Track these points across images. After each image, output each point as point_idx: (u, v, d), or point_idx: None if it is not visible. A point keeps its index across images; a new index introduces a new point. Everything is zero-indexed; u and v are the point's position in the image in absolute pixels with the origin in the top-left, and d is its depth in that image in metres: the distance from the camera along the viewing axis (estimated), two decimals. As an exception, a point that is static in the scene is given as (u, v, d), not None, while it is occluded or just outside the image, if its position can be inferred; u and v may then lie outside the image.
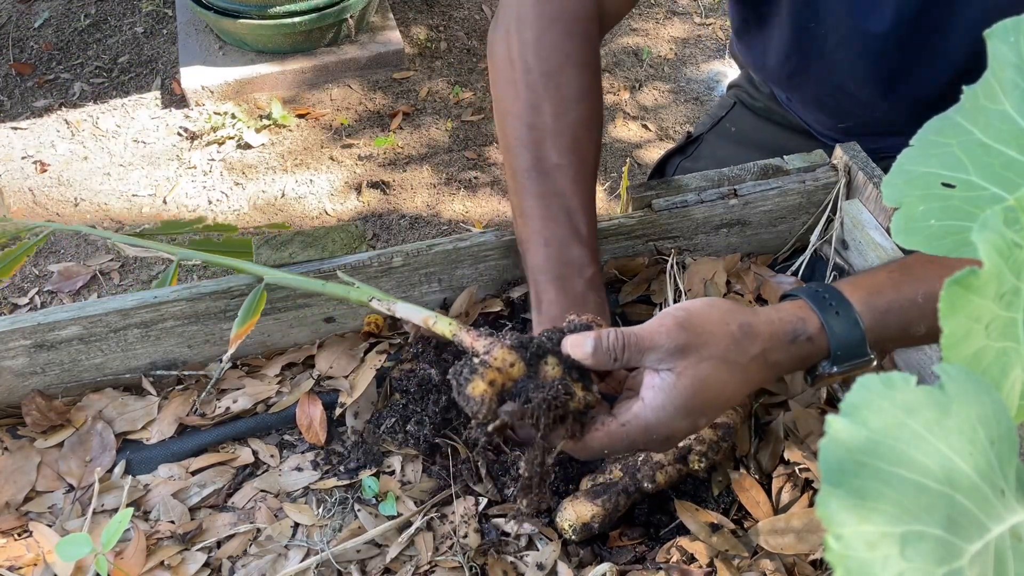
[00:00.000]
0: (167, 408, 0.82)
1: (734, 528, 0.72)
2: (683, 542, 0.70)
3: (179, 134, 2.64)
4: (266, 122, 2.65)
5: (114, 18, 3.13)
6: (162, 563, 0.71)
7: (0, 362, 0.79)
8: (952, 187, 0.33)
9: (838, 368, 0.62)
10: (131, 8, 3.17)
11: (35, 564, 0.71)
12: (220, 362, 0.85)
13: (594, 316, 0.63)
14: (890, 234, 0.74)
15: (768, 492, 0.74)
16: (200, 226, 0.90)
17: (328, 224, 2.38)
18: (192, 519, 0.75)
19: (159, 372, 0.85)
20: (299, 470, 0.79)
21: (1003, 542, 0.24)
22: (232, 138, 2.60)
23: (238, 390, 0.84)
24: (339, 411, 0.81)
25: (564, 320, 0.63)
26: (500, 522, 0.74)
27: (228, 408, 0.82)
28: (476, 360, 0.59)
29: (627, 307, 0.90)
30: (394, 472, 0.78)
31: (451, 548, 0.71)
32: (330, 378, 0.85)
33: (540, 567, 0.70)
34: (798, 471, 0.74)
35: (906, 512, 0.22)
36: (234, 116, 2.66)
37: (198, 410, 0.83)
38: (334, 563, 0.71)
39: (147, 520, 0.75)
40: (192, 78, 2.69)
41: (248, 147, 2.59)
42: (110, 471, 0.78)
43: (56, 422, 0.80)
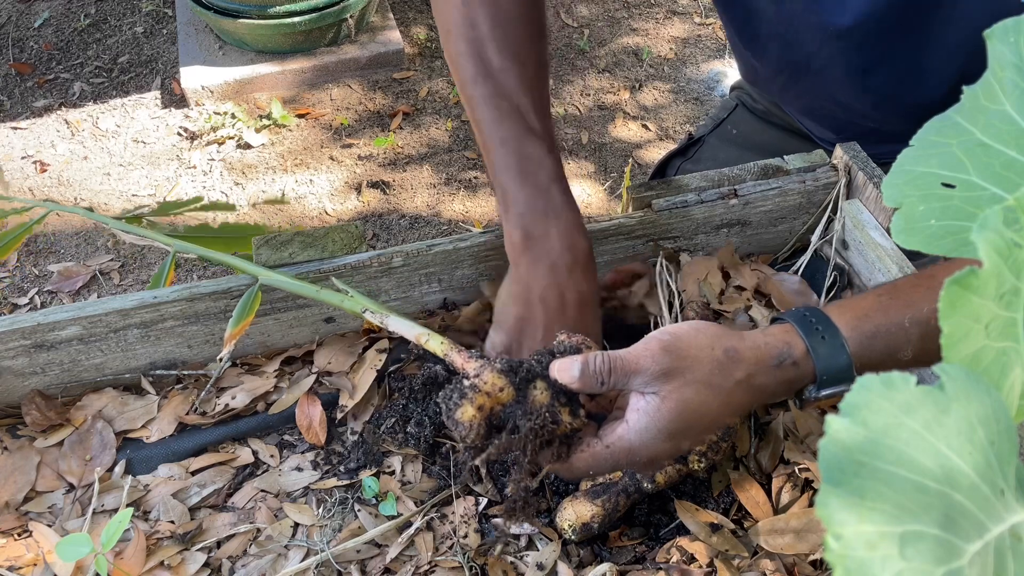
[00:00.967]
0: (167, 407, 0.82)
1: (734, 528, 0.72)
2: (683, 542, 0.70)
3: (179, 134, 2.64)
4: (266, 122, 2.65)
5: (114, 18, 3.13)
6: (162, 563, 0.71)
7: (0, 362, 0.79)
8: (952, 187, 0.33)
9: (824, 392, 0.64)
10: (131, 8, 3.17)
11: (35, 564, 0.71)
12: (219, 361, 0.85)
13: (583, 338, 0.65)
14: (890, 234, 0.74)
15: (768, 492, 0.74)
16: (197, 206, 0.90)
17: (328, 224, 2.38)
18: (192, 519, 0.75)
19: (159, 372, 0.85)
20: (299, 470, 0.79)
21: (1003, 542, 0.24)
22: (232, 138, 2.60)
23: (237, 387, 0.84)
24: (340, 415, 0.81)
25: (533, 220, 0.69)
26: (500, 522, 0.74)
27: (227, 405, 0.82)
28: (466, 383, 0.60)
29: (623, 311, 0.90)
30: (394, 472, 0.78)
31: (451, 548, 0.71)
32: (329, 374, 0.85)
33: (540, 567, 0.70)
34: (798, 471, 0.74)
35: (905, 512, 0.22)
36: (234, 116, 2.66)
37: (198, 409, 0.83)
38: (334, 563, 0.71)
39: (147, 520, 0.75)
40: (192, 78, 2.69)
41: (248, 147, 2.59)
42: (110, 471, 0.78)
43: (56, 422, 0.80)
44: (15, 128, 2.67)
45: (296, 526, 0.74)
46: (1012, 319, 0.27)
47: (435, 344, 0.65)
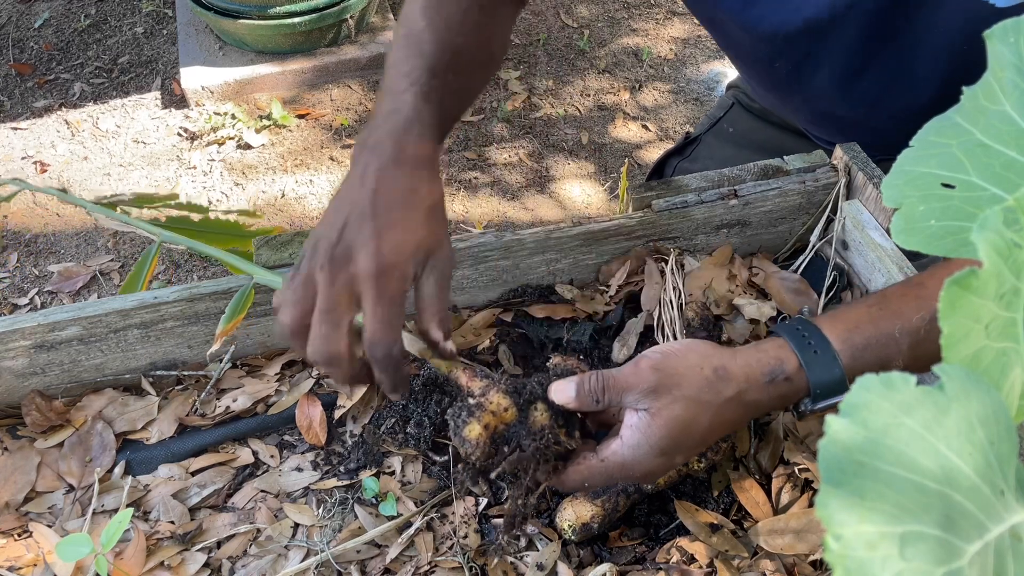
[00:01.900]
0: (167, 408, 0.82)
1: (734, 528, 0.72)
2: (683, 542, 0.70)
3: (179, 134, 2.64)
4: (266, 122, 2.65)
5: (114, 18, 3.13)
6: (162, 563, 0.71)
7: (0, 362, 0.79)
8: (952, 187, 0.33)
9: (819, 405, 0.65)
10: (131, 8, 3.17)
11: (35, 564, 0.71)
12: (220, 362, 0.85)
13: (578, 362, 0.68)
14: (890, 234, 0.74)
15: (768, 492, 0.74)
16: (172, 203, 0.88)
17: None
18: (192, 519, 0.75)
19: (159, 372, 0.85)
20: (299, 470, 0.79)
21: (1003, 542, 0.24)
22: (232, 138, 2.60)
23: (238, 389, 0.84)
24: (339, 413, 0.81)
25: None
26: (500, 522, 0.74)
27: (228, 407, 0.82)
28: (472, 402, 0.63)
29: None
30: (394, 472, 0.78)
31: (451, 548, 0.71)
32: (329, 376, 0.85)
33: (540, 567, 0.70)
34: (798, 471, 0.74)
35: (905, 512, 0.22)
36: (234, 116, 2.66)
37: (198, 410, 0.83)
38: (334, 563, 0.71)
39: (147, 520, 0.75)
40: (192, 78, 2.69)
41: (248, 147, 2.59)
42: (110, 471, 0.78)
43: (56, 422, 0.80)
44: (15, 128, 2.67)
45: (296, 526, 0.74)
46: (1012, 319, 0.27)
47: (440, 361, 0.67)
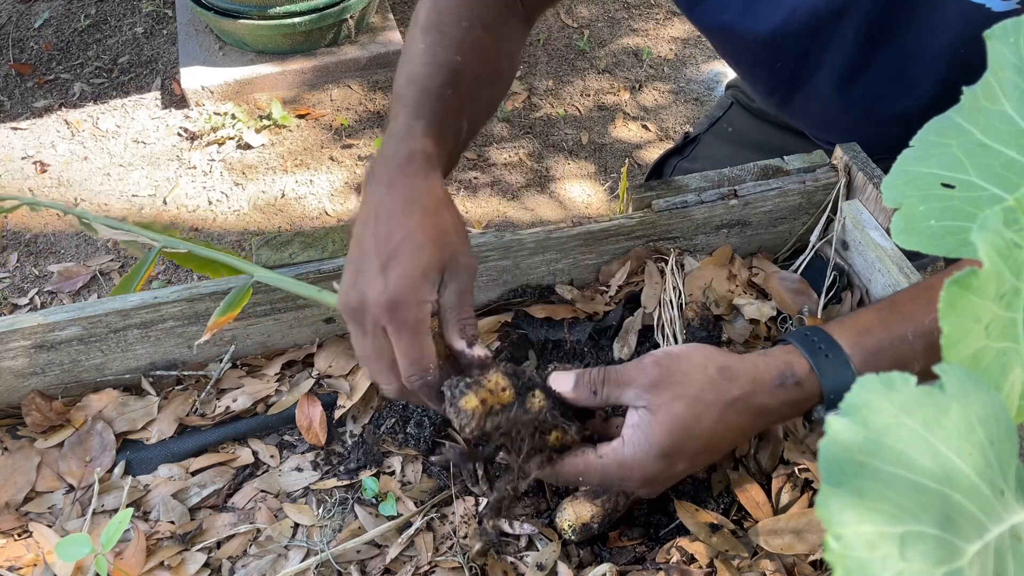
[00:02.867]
0: (167, 408, 0.82)
1: (734, 528, 0.72)
2: (683, 542, 0.70)
3: (179, 134, 2.64)
4: (266, 122, 2.65)
5: (114, 18, 3.13)
6: (162, 563, 0.71)
7: (0, 362, 0.79)
8: (952, 187, 0.33)
9: (833, 413, 0.63)
10: (131, 8, 3.17)
11: (35, 564, 0.71)
12: (220, 362, 0.85)
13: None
14: (890, 234, 0.74)
15: (768, 492, 0.74)
16: (175, 235, 0.88)
17: (328, 224, 2.38)
18: (192, 519, 0.75)
19: (159, 372, 0.85)
20: (299, 470, 0.79)
21: (1003, 542, 0.24)
22: (232, 138, 2.60)
23: (238, 389, 0.84)
24: (339, 413, 0.81)
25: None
26: (500, 522, 0.74)
27: (228, 407, 0.82)
28: (471, 379, 0.62)
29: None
30: (394, 472, 0.78)
31: (451, 548, 0.71)
32: (329, 377, 0.85)
33: (540, 567, 0.70)
34: (798, 471, 0.74)
35: (905, 512, 0.22)
36: (234, 116, 2.66)
37: (198, 410, 0.83)
38: (334, 563, 0.71)
39: (147, 520, 0.75)
40: (192, 78, 2.69)
41: (248, 147, 2.59)
42: (110, 471, 0.78)
43: (56, 422, 0.80)
44: (15, 128, 2.67)
45: (296, 526, 0.74)
46: (1012, 319, 0.27)
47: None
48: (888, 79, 0.89)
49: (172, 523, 0.74)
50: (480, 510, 0.74)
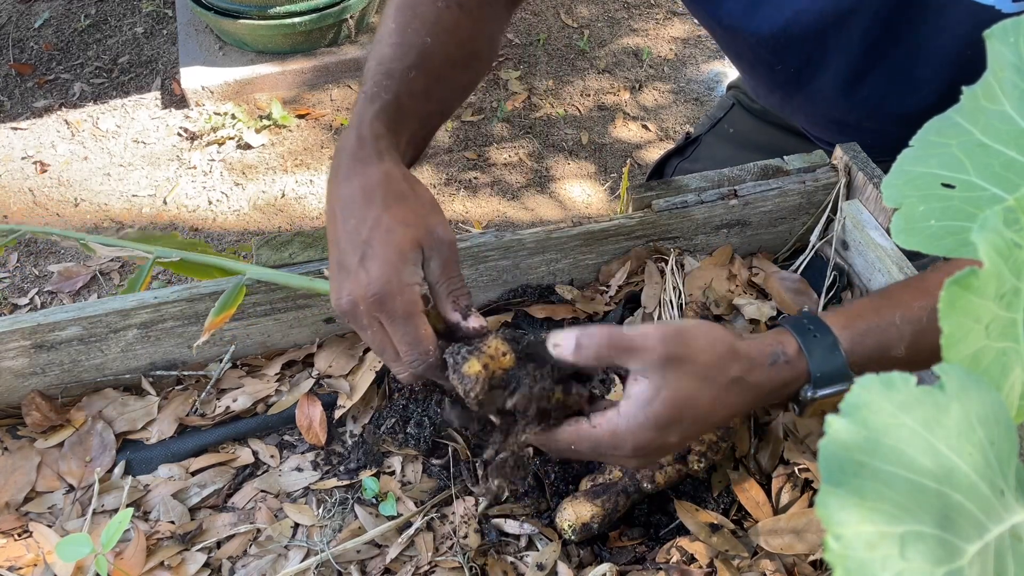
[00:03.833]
0: (167, 408, 0.82)
1: (734, 528, 0.72)
2: (683, 542, 0.70)
3: (179, 134, 2.64)
4: (266, 122, 2.65)
5: (114, 18, 3.13)
6: (162, 563, 0.71)
7: (0, 362, 0.79)
8: (952, 187, 0.33)
9: (821, 393, 0.63)
10: (131, 8, 3.17)
11: (35, 564, 0.71)
12: (220, 362, 0.85)
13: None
14: (890, 234, 0.74)
15: (768, 492, 0.74)
16: (172, 245, 0.89)
17: (328, 224, 2.38)
18: (192, 519, 0.75)
19: (159, 372, 0.85)
20: (299, 470, 0.79)
21: (1003, 542, 0.24)
22: (232, 138, 2.60)
23: (238, 389, 0.84)
24: (339, 413, 0.81)
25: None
26: (500, 522, 0.74)
27: (228, 407, 0.82)
28: (472, 345, 0.63)
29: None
30: (394, 472, 0.78)
31: (451, 548, 0.71)
32: (329, 377, 0.85)
33: (540, 567, 0.70)
34: (798, 471, 0.74)
35: (905, 512, 0.22)
36: (234, 116, 2.66)
37: (198, 410, 0.83)
38: (334, 563, 0.71)
39: (147, 520, 0.75)
40: (192, 78, 2.69)
41: (248, 147, 2.59)
42: (110, 471, 0.78)
43: (56, 422, 0.80)
44: (15, 128, 2.67)
45: (296, 526, 0.74)
46: (1012, 319, 0.27)
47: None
48: (893, 81, 0.89)
49: (172, 523, 0.74)
50: (480, 510, 0.74)
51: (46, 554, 0.71)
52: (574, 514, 0.70)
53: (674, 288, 0.88)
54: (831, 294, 0.91)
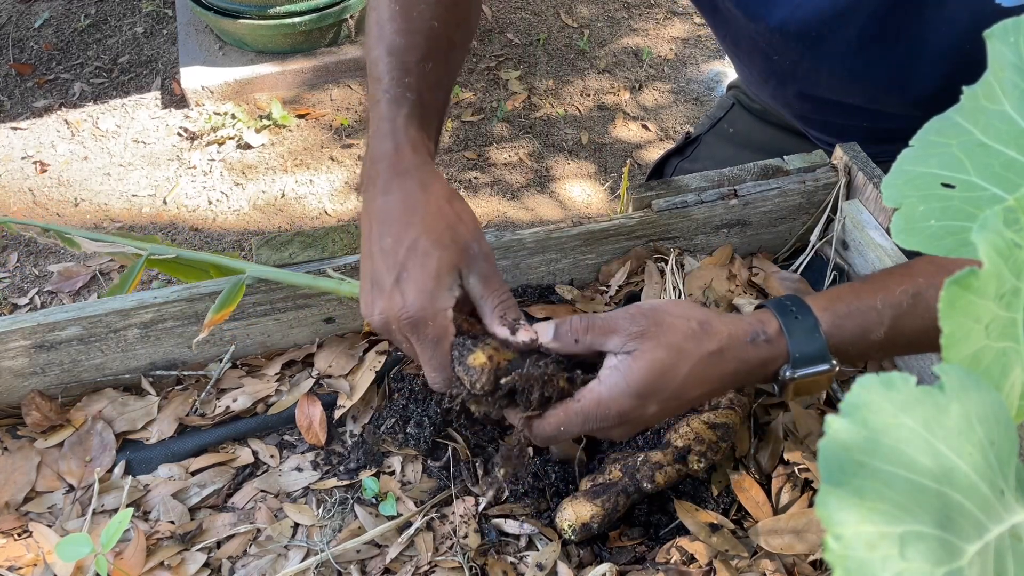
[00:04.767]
0: (167, 408, 0.82)
1: (734, 528, 0.72)
2: (683, 542, 0.70)
3: (179, 134, 2.64)
4: (266, 122, 2.65)
5: (114, 18, 3.13)
6: (162, 563, 0.71)
7: (0, 362, 0.79)
8: (952, 187, 0.33)
9: (800, 372, 0.64)
10: (131, 8, 3.17)
11: (35, 564, 0.71)
12: (220, 362, 0.85)
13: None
14: (890, 234, 0.74)
15: (768, 492, 0.74)
16: (149, 245, 0.88)
17: (328, 224, 2.38)
18: (192, 519, 0.75)
19: (159, 372, 0.85)
20: (299, 470, 0.79)
21: (1003, 542, 0.24)
22: (232, 138, 2.60)
23: (238, 389, 0.84)
24: (339, 413, 0.81)
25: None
26: (500, 522, 0.74)
27: (228, 407, 0.82)
28: (476, 338, 0.65)
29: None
30: (394, 472, 0.78)
31: (451, 548, 0.71)
32: (329, 377, 0.85)
33: (540, 567, 0.70)
34: (798, 471, 0.74)
35: (905, 512, 0.22)
36: (234, 116, 2.66)
37: (198, 410, 0.83)
38: (334, 563, 0.71)
39: (147, 520, 0.75)
40: (192, 78, 2.69)
41: (248, 147, 2.59)
42: (110, 471, 0.78)
43: (56, 422, 0.80)
44: (15, 128, 2.67)
45: (296, 526, 0.74)
46: (1012, 319, 0.27)
47: None
48: (889, 77, 0.89)
49: (172, 523, 0.74)
50: (480, 509, 0.74)
51: (46, 554, 0.71)
52: (574, 514, 0.70)
53: (674, 288, 0.88)
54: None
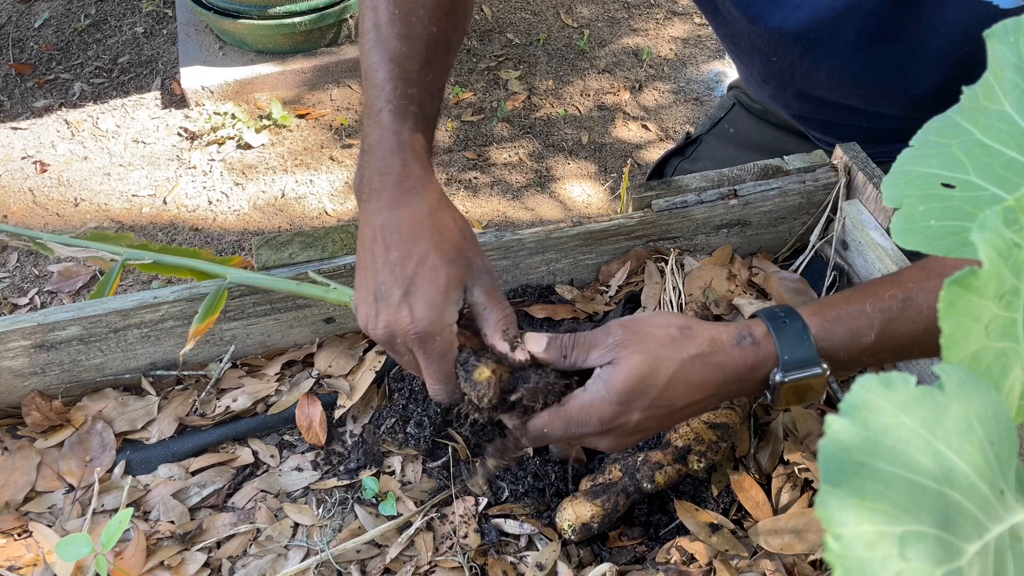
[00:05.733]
0: (167, 408, 0.82)
1: (734, 528, 0.72)
2: (683, 542, 0.70)
3: (179, 134, 2.64)
4: (266, 122, 2.65)
5: (114, 18, 3.13)
6: (162, 563, 0.71)
7: (0, 362, 0.79)
8: (952, 187, 0.33)
9: (790, 376, 0.63)
10: (131, 8, 3.17)
11: (35, 564, 0.71)
12: (220, 362, 0.85)
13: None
14: (890, 234, 0.74)
15: (768, 492, 0.74)
16: (125, 244, 0.87)
17: (328, 224, 2.38)
18: (192, 519, 0.75)
19: (159, 372, 0.85)
20: (299, 470, 0.79)
21: (1002, 542, 0.24)
22: (232, 138, 2.60)
23: (238, 389, 0.84)
24: (339, 413, 0.81)
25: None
26: (500, 522, 0.74)
27: (228, 407, 0.82)
28: (479, 352, 0.65)
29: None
30: (394, 472, 0.78)
31: (451, 548, 0.71)
32: (329, 377, 0.85)
33: (540, 567, 0.70)
34: (797, 471, 0.74)
35: (905, 512, 0.22)
36: (234, 116, 2.66)
37: (198, 410, 0.83)
38: (334, 563, 0.71)
39: (147, 520, 0.75)
40: (192, 78, 2.69)
41: (248, 147, 2.59)
42: (110, 471, 0.78)
43: (56, 422, 0.80)
44: (15, 128, 2.67)
45: (296, 526, 0.74)
46: (1012, 319, 0.27)
47: None
48: (888, 79, 0.89)
49: (172, 523, 0.74)
50: (480, 510, 0.74)
51: (46, 554, 0.71)
52: (574, 514, 0.70)
53: (674, 288, 0.88)
54: (831, 294, 0.91)
